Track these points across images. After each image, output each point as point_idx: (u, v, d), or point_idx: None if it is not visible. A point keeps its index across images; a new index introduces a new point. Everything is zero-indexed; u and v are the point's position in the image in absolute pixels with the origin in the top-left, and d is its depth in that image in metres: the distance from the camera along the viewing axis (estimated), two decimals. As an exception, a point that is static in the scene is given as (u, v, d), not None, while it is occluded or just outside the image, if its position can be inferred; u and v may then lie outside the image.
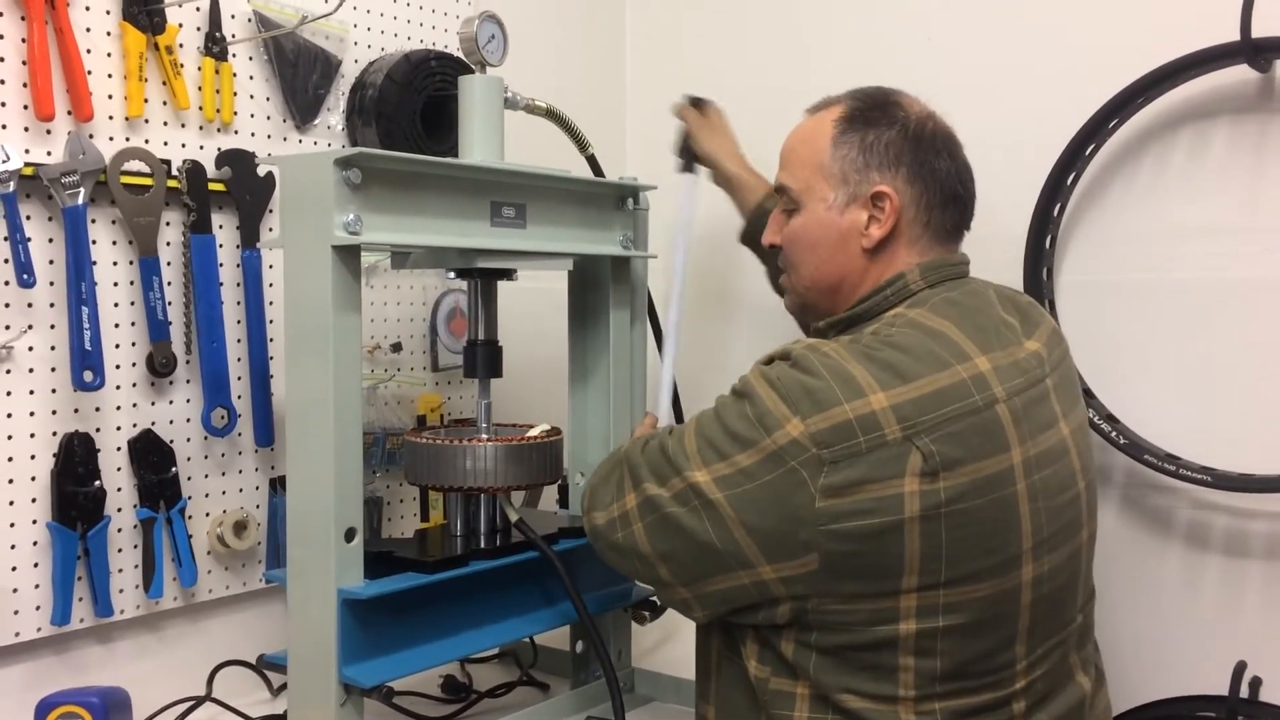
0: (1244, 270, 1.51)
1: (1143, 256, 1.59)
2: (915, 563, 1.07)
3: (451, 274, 1.51)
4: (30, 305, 1.36)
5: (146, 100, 1.45)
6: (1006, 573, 1.11)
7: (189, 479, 1.51)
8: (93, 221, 1.40)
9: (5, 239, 1.32)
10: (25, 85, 1.34)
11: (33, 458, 1.37)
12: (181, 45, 1.48)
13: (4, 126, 1.33)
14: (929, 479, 1.06)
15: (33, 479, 1.37)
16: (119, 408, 1.44)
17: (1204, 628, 1.56)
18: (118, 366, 1.44)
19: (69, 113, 1.38)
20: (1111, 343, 1.38)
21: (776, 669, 1.16)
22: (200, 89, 1.50)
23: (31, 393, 1.36)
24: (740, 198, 1.71)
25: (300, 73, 1.61)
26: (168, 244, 1.48)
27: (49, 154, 1.36)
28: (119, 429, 1.44)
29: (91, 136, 1.39)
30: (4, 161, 1.30)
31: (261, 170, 1.55)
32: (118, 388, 1.44)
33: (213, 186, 1.50)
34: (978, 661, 1.12)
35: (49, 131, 1.36)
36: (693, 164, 1.70)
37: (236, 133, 1.55)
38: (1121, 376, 1.54)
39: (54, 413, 1.38)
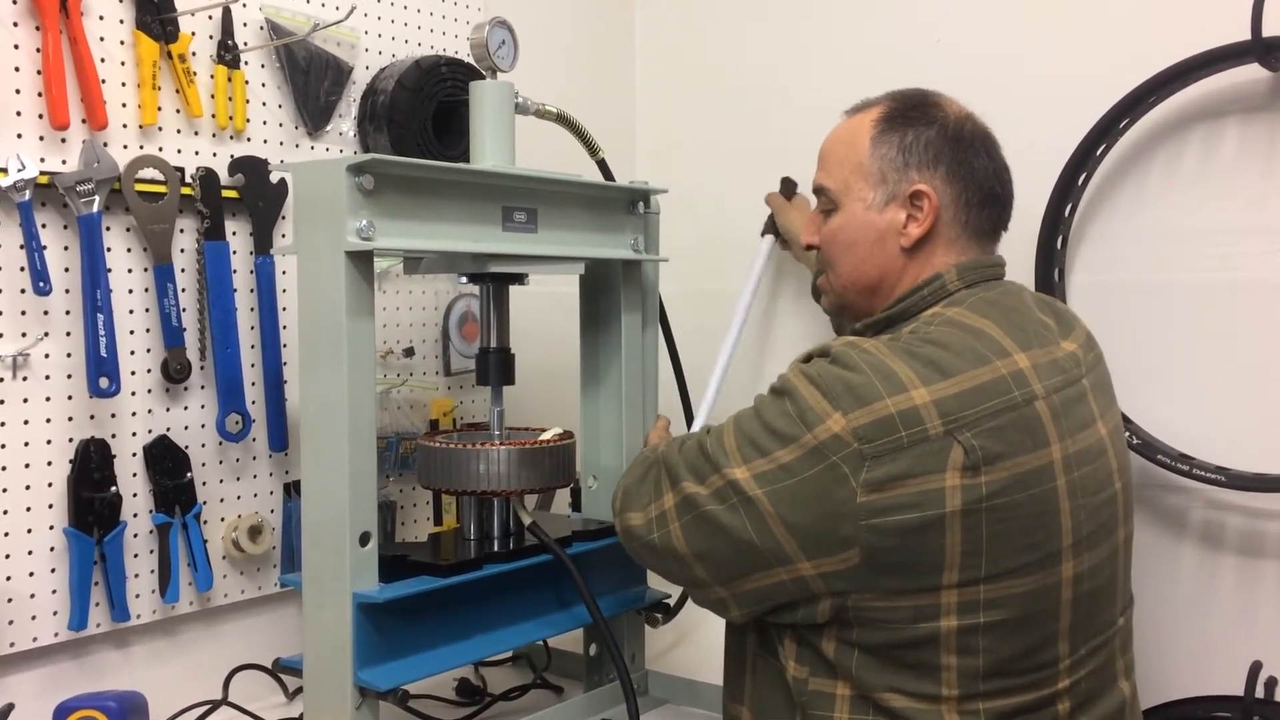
0: (1256, 270, 1.51)
1: (1154, 256, 1.59)
2: (956, 558, 1.07)
3: (463, 279, 1.51)
4: (46, 313, 1.37)
5: (160, 108, 1.46)
6: (1046, 569, 1.11)
7: (204, 484, 1.52)
8: (107, 229, 1.41)
9: (21, 247, 1.33)
10: (40, 94, 1.35)
11: (49, 464, 1.38)
12: (194, 53, 1.49)
13: (19, 135, 1.34)
14: (970, 473, 1.06)
15: (49, 485, 1.38)
16: (134, 414, 1.45)
17: (1218, 628, 1.55)
18: (133, 373, 1.44)
19: (83, 121, 1.39)
20: (1123, 343, 1.39)
21: (816, 669, 1.15)
22: (213, 97, 1.51)
23: (48, 399, 1.37)
24: (808, 257, 1.74)
25: (312, 80, 1.62)
26: (181, 251, 1.49)
27: (64, 162, 1.37)
28: (134, 435, 1.45)
29: (106, 145, 1.40)
30: (20, 170, 1.31)
31: (274, 177, 1.56)
32: (133, 394, 1.45)
33: (226, 193, 1.51)
34: (1019, 659, 1.12)
35: (64, 140, 1.37)
36: (776, 233, 1.85)
37: (249, 140, 1.56)
38: (1134, 377, 1.53)
39: (70, 419, 1.39)
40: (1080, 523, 1.13)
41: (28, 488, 1.36)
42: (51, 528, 1.38)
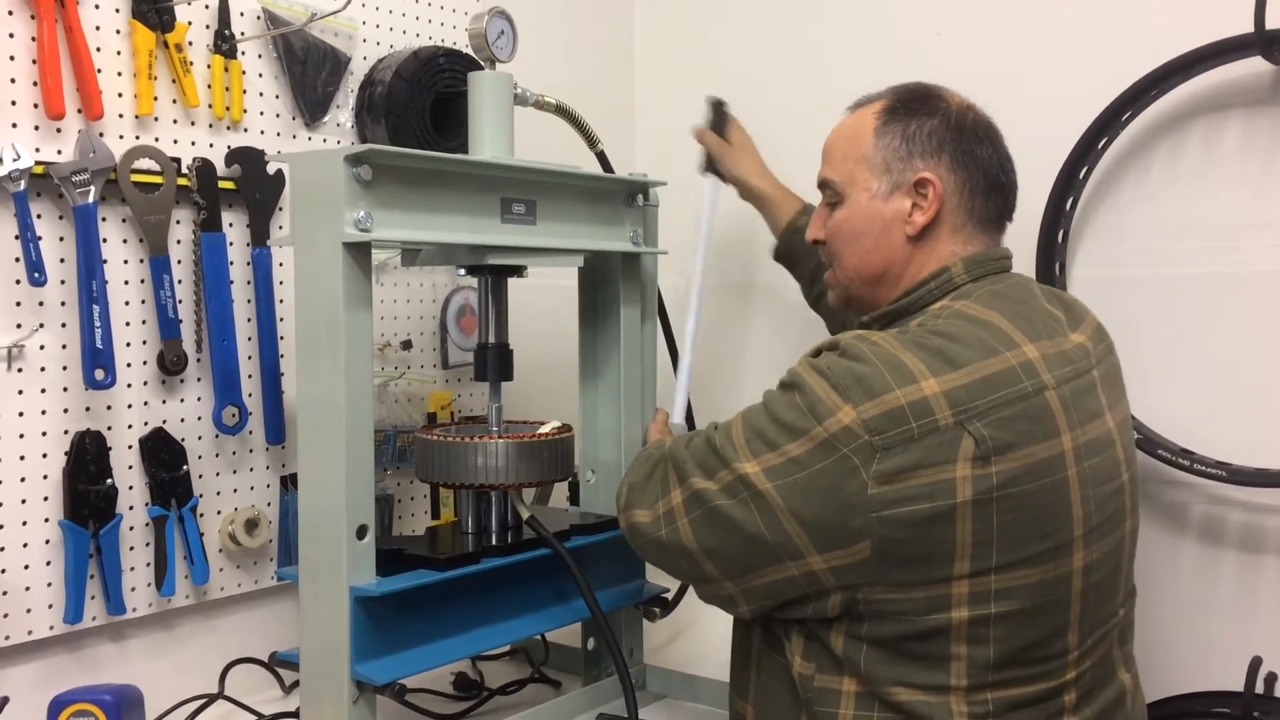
0: (1258, 264, 1.50)
1: (1156, 250, 1.58)
2: (967, 548, 1.07)
3: (462, 271, 1.51)
4: (41, 304, 1.36)
5: (156, 98, 1.45)
6: (1058, 559, 1.11)
7: (200, 477, 1.51)
8: (103, 220, 1.40)
9: (16, 238, 1.33)
10: (35, 84, 1.34)
11: (45, 456, 1.37)
12: (191, 43, 1.48)
13: (15, 125, 1.33)
14: (981, 464, 1.06)
15: (45, 477, 1.37)
16: (130, 406, 1.44)
17: (1219, 623, 1.55)
18: (129, 365, 1.44)
19: (79, 111, 1.38)
20: (1124, 337, 1.38)
21: (822, 665, 1.15)
22: (210, 87, 1.51)
23: (43, 391, 1.36)
24: (771, 214, 1.72)
25: (309, 70, 1.61)
26: (178, 242, 1.48)
27: (59, 152, 1.36)
28: (130, 427, 1.44)
29: (102, 135, 1.39)
30: (15, 160, 1.30)
31: (271, 168, 1.55)
32: (129, 386, 1.44)
33: (223, 184, 1.50)
34: (1030, 650, 1.12)
35: (59, 130, 1.37)
36: (717, 173, 1.72)
37: (246, 130, 1.55)
38: (1135, 371, 1.52)
39: (65, 411, 1.38)
40: (1090, 513, 1.13)
41: (23, 480, 1.35)
42: (47, 520, 1.37)
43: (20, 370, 1.35)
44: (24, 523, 1.35)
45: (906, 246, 1.25)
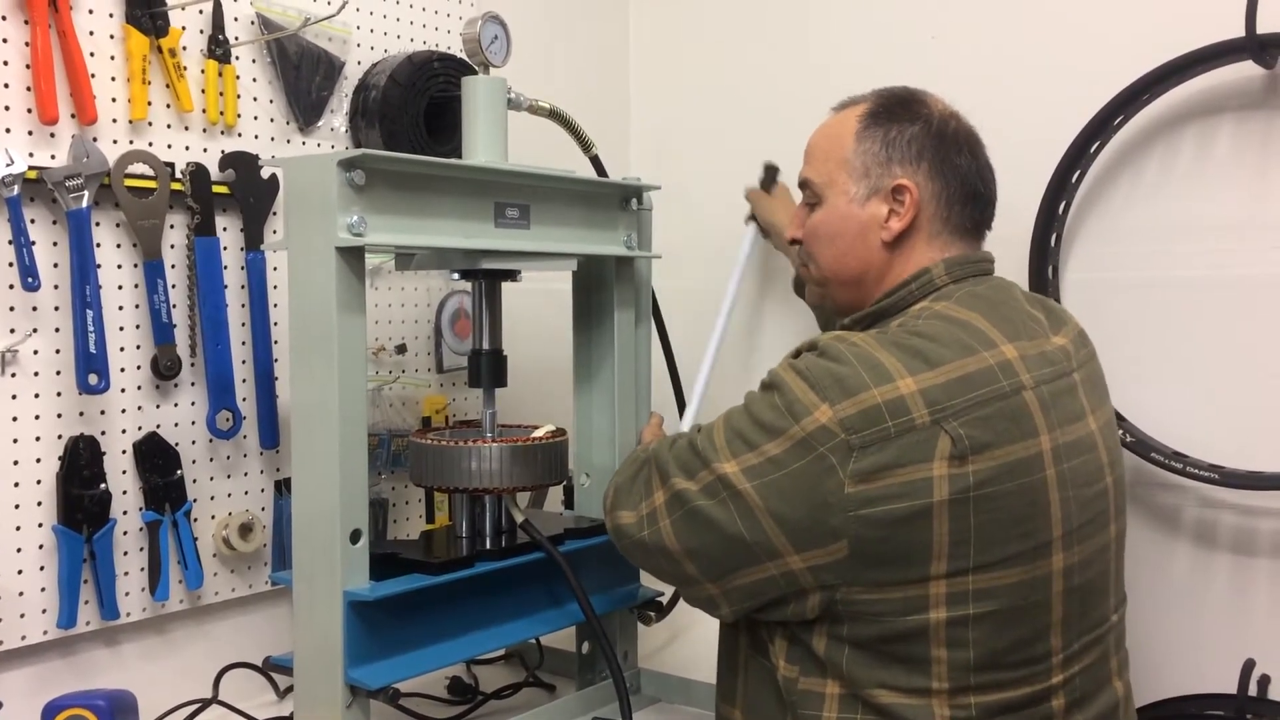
0: (1250, 267, 1.51)
1: (1148, 254, 1.59)
2: (944, 548, 1.07)
3: (456, 275, 1.51)
4: (35, 309, 1.36)
5: (150, 103, 1.45)
6: (1036, 560, 1.11)
7: (194, 481, 1.51)
8: (97, 225, 1.40)
9: (10, 242, 1.33)
10: (29, 89, 1.34)
11: (38, 461, 1.37)
12: (185, 48, 1.48)
13: (8, 130, 1.33)
14: (958, 463, 1.06)
15: (38, 482, 1.37)
16: (124, 411, 1.44)
17: (1212, 626, 1.55)
18: (122, 369, 1.44)
19: (73, 116, 1.38)
20: (1117, 340, 1.39)
21: (806, 667, 1.15)
22: (203, 91, 1.51)
23: (36, 396, 1.36)
24: (792, 254, 1.74)
25: (303, 75, 1.61)
26: (172, 247, 1.48)
27: (53, 157, 1.36)
28: (124, 432, 1.44)
29: (95, 139, 1.39)
30: (8, 165, 1.30)
31: (265, 172, 1.55)
32: (122, 391, 1.44)
33: (216, 189, 1.50)
34: (1011, 652, 1.11)
35: (53, 135, 1.37)
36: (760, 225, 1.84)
37: (240, 135, 1.55)
38: (1128, 374, 1.53)
39: (59, 416, 1.38)
40: (1070, 514, 1.13)
41: (16, 485, 1.35)
42: (40, 525, 1.37)
43: (14, 375, 1.34)
44: (17, 528, 1.35)
45: (882, 251, 1.26)
